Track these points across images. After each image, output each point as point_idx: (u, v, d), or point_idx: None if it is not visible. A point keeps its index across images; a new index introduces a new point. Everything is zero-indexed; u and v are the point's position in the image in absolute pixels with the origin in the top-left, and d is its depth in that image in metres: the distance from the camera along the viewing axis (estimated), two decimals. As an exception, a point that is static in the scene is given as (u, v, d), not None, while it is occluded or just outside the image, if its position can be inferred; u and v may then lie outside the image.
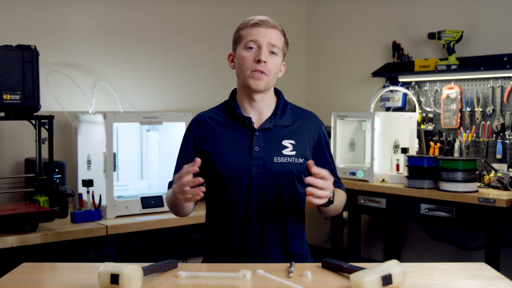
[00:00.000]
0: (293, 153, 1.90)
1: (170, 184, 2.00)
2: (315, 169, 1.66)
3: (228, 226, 1.89)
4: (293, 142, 1.91)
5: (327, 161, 1.98)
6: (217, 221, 1.93)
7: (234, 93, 1.99)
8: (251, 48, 1.86)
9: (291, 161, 1.89)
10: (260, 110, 1.93)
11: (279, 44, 1.88)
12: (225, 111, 1.96)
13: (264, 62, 1.84)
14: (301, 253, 1.96)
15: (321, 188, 1.65)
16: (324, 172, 1.67)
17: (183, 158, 1.96)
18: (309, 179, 1.65)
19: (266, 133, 1.90)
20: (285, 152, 1.89)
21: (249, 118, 1.91)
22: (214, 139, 1.91)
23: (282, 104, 1.96)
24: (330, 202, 1.77)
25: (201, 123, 1.96)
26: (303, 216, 1.98)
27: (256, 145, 1.88)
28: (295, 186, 1.91)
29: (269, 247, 1.88)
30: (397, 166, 3.64)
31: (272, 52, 1.87)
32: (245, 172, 1.86)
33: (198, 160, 1.67)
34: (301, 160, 1.91)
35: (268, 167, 1.86)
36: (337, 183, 1.99)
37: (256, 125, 1.91)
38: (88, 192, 2.90)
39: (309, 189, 1.65)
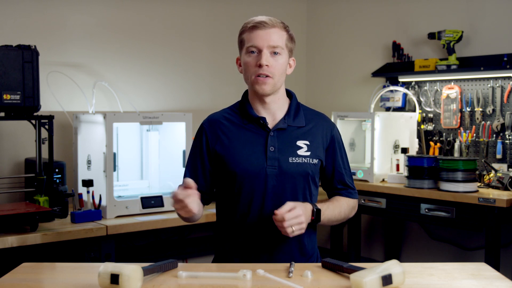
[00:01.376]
0: (308, 153, 1.89)
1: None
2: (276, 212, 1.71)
3: (242, 227, 1.87)
4: (307, 142, 1.90)
5: (338, 164, 1.97)
6: (230, 222, 1.91)
7: (246, 94, 1.97)
8: (252, 52, 1.85)
9: (306, 161, 1.88)
10: (273, 111, 1.92)
11: (281, 43, 1.86)
12: (238, 112, 1.94)
13: (266, 65, 1.83)
14: (312, 254, 1.95)
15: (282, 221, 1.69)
16: (283, 209, 1.70)
17: (196, 160, 1.94)
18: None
19: (280, 134, 1.89)
20: (300, 152, 1.88)
21: (264, 118, 1.89)
22: (227, 139, 1.90)
23: (295, 106, 1.95)
24: (317, 219, 1.81)
25: (213, 123, 1.94)
26: None
27: (271, 145, 1.87)
28: (310, 187, 1.91)
29: (283, 248, 1.86)
30: (397, 166, 3.64)
31: (275, 53, 1.85)
32: (260, 172, 1.85)
33: (190, 182, 1.69)
34: (315, 161, 1.90)
35: (283, 168, 1.86)
36: (346, 190, 1.99)
37: (270, 126, 1.90)
38: (88, 192, 2.90)
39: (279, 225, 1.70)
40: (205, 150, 1.92)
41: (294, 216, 1.70)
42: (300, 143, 1.90)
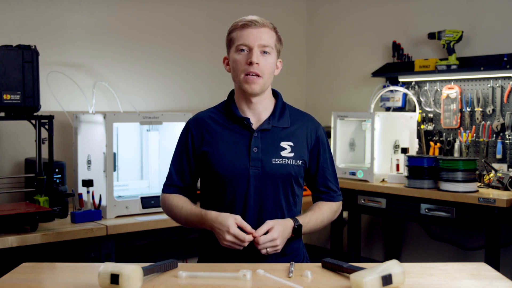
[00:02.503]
0: (291, 155, 1.89)
1: (166, 187, 1.98)
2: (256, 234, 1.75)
3: None
4: (291, 144, 1.90)
5: (322, 166, 1.97)
6: None
7: (232, 93, 1.98)
8: (242, 50, 1.85)
9: (289, 163, 1.88)
10: (258, 111, 1.92)
11: (271, 42, 1.87)
12: (223, 112, 1.95)
13: (256, 63, 1.83)
14: (297, 254, 1.95)
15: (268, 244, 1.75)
16: (261, 230, 1.75)
17: (181, 158, 1.95)
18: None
19: (264, 134, 1.89)
20: (283, 153, 1.88)
21: (248, 119, 1.90)
22: (212, 139, 1.90)
23: (280, 106, 1.95)
24: (298, 235, 1.85)
25: (199, 122, 1.95)
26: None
27: (255, 146, 1.87)
28: (293, 188, 1.91)
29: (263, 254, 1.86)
30: (397, 166, 3.63)
31: (264, 52, 1.86)
32: (243, 173, 1.85)
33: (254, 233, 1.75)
34: (299, 162, 1.90)
35: (266, 169, 1.86)
36: (328, 194, 1.99)
37: (254, 126, 1.90)
38: (88, 192, 2.90)
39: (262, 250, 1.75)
40: (190, 149, 1.93)
41: (269, 240, 1.74)
42: (284, 144, 1.90)
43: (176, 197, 1.95)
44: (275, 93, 1.99)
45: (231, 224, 1.72)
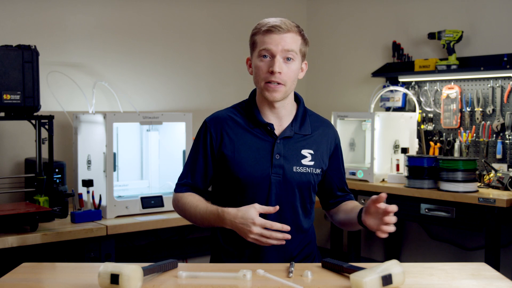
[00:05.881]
0: (312, 163, 1.87)
1: (178, 187, 1.91)
2: (384, 207, 1.78)
3: None
4: (311, 152, 1.88)
5: (339, 171, 1.97)
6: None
7: (253, 94, 1.92)
8: (265, 56, 1.79)
9: (309, 171, 1.86)
10: (281, 116, 1.88)
11: (295, 48, 1.80)
12: (243, 113, 1.89)
13: (279, 72, 1.78)
14: (313, 256, 1.94)
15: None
16: (391, 208, 1.76)
17: (198, 158, 1.88)
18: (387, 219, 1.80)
19: (286, 141, 1.86)
20: (304, 162, 1.86)
21: (271, 125, 1.86)
22: (232, 142, 1.85)
23: (302, 112, 1.93)
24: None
25: (218, 122, 1.88)
26: (312, 221, 1.96)
27: (277, 152, 1.84)
28: (310, 196, 1.90)
29: (283, 254, 1.84)
30: (397, 166, 3.64)
31: (288, 58, 1.80)
32: (264, 179, 1.82)
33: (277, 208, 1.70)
34: (318, 171, 1.88)
35: (287, 176, 1.83)
36: (348, 195, 2.00)
37: (276, 132, 1.86)
38: (88, 192, 2.90)
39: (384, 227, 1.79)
40: (208, 149, 1.87)
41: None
42: (304, 152, 1.87)
43: (190, 195, 1.88)
44: (297, 98, 1.96)
45: (254, 215, 1.66)
